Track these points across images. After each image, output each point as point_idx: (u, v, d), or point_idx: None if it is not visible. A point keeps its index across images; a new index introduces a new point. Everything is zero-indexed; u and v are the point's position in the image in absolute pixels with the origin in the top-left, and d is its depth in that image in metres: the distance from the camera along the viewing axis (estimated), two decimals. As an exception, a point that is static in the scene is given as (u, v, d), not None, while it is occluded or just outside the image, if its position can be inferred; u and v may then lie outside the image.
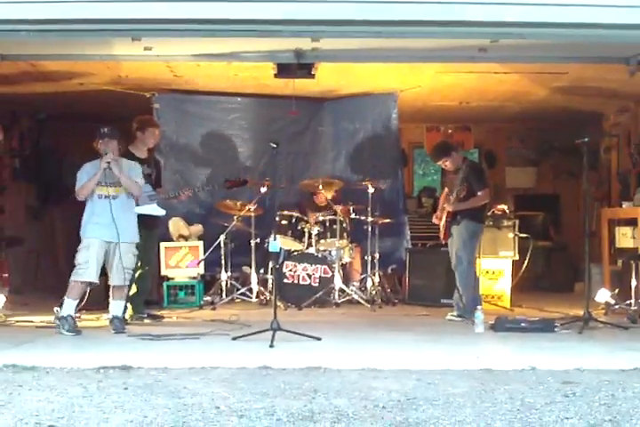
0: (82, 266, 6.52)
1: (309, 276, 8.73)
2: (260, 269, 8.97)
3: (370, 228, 8.85)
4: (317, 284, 8.70)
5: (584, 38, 6.19)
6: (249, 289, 8.86)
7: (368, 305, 8.52)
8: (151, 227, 7.31)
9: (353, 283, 9.08)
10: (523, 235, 8.92)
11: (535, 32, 6.04)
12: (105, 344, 6.01)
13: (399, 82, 9.35)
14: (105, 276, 6.71)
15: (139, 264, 6.98)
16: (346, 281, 8.95)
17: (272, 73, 7.95)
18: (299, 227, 8.99)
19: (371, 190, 8.79)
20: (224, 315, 7.46)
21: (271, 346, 5.61)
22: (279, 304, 7.53)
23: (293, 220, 8.99)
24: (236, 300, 8.88)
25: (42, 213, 11.37)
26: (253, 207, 8.80)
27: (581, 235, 7.76)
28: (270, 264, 8.74)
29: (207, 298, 8.92)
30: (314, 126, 10.30)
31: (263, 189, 8.71)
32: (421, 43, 6.67)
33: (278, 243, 6.99)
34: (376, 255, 8.95)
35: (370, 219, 8.84)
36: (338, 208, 8.89)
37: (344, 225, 8.94)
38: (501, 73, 8.68)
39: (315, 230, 8.86)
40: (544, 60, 7.59)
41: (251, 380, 4.53)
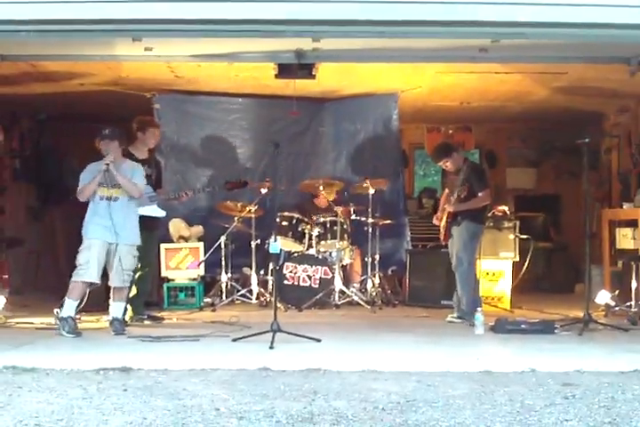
0: (83, 266, 6.52)
1: (310, 277, 8.72)
2: (261, 270, 8.96)
3: (370, 229, 8.84)
4: (318, 285, 8.69)
5: (585, 38, 6.19)
6: (249, 290, 8.85)
7: (368, 307, 8.51)
8: (151, 228, 7.30)
9: (353, 284, 9.07)
10: (523, 236, 8.91)
11: (536, 32, 6.03)
12: (105, 346, 6.01)
13: (400, 82, 9.34)
14: (105, 277, 6.71)
15: (139, 266, 6.98)
16: (346, 282, 8.94)
17: (273, 73, 7.95)
18: (299, 228, 8.98)
19: (371, 191, 8.79)
20: (224, 316, 7.46)
21: (271, 347, 5.61)
22: (279, 306, 7.52)
23: (294, 221, 8.98)
24: (237, 301, 8.87)
25: (42, 214, 11.36)
26: (254, 208, 8.79)
27: (582, 236, 7.72)
28: (270, 266, 8.73)
29: (207, 299, 8.92)
30: (314, 127, 10.29)
31: (264, 191, 8.72)
32: (422, 43, 6.67)
33: (279, 244, 6.98)
34: (376, 257, 8.95)
35: (370, 220, 8.83)
36: (338, 209, 8.88)
37: (344, 226, 8.92)
38: (502, 73, 8.67)
39: (315, 232, 8.85)
40: (545, 61, 7.58)
41: (250, 381, 4.53)
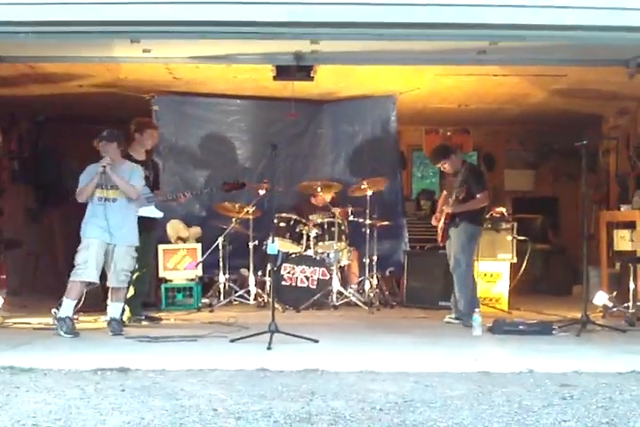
0: (81, 266, 6.53)
1: (307, 278, 8.72)
2: (258, 271, 8.96)
3: (368, 230, 8.84)
4: (315, 286, 8.69)
5: (583, 41, 6.20)
6: (247, 291, 8.85)
7: (366, 307, 8.51)
8: (149, 229, 7.30)
9: (351, 285, 9.06)
10: (521, 237, 8.92)
11: (534, 34, 6.05)
12: (102, 346, 6.01)
13: (398, 84, 9.34)
14: (103, 278, 6.70)
15: (136, 266, 6.97)
16: (344, 283, 8.95)
17: (271, 75, 7.95)
18: (297, 229, 8.97)
19: (369, 193, 8.80)
20: (222, 317, 7.46)
21: (269, 348, 5.62)
22: (277, 306, 7.50)
23: (291, 222, 8.98)
24: (234, 302, 8.86)
25: (40, 216, 11.35)
26: (252, 210, 8.79)
27: (580, 238, 7.74)
28: (268, 266, 8.72)
29: (205, 300, 8.92)
30: (313, 129, 10.28)
31: (262, 192, 8.72)
32: (421, 45, 6.67)
33: (276, 245, 6.98)
34: (374, 258, 8.94)
35: (368, 221, 8.82)
36: (336, 211, 8.88)
37: (342, 227, 8.92)
38: (501, 75, 8.67)
39: (313, 233, 8.85)
40: (543, 63, 7.58)
41: (248, 382, 4.54)
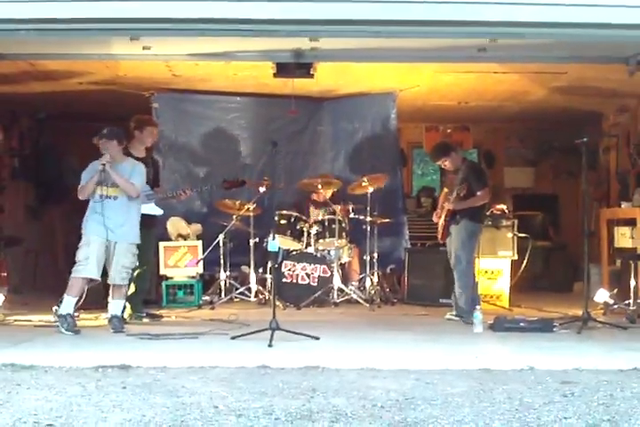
0: (82, 262, 6.54)
1: (308, 275, 8.73)
2: (259, 268, 8.96)
3: (369, 227, 8.83)
4: (316, 283, 8.70)
5: (583, 38, 6.19)
6: (248, 289, 8.85)
7: (367, 305, 8.51)
8: (149, 226, 7.28)
9: (352, 282, 9.07)
10: (522, 235, 8.91)
11: (534, 32, 6.04)
12: (104, 343, 6.01)
13: (398, 82, 9.34)
14: (104, 275, 6.71)
15: (137, 264, 6.97)
16: (345, 281, 8.95)
17: (271, 72, 7.95)
18: (297, 226, 8.97)
19: (370, 190, 8.79)
20: (223, 314, 7.47)
21: (270, 345, 5.61)
22: (278, 304, 7.53)
23: (292, 219, 8.98)
24: (235, 299, 8.87)
25: (41, 213, 11.36)
26: (252, 207, 8.79)
27: (580, 235, 7.75)
28: (269, 264, 8.72)
29: (206, 297, 8.91)
30: (313, 126, 10.30)
31: (262, 189, 8.71)
32: (420, 42, 6.66)
33: (277, 242, 6.98)
34: (375, 255, 8.93)
35: (369, 218, 8.82)
36: (337, 208, 8.88)
37: (343, 225, 8.92)
38: (500, 73, 8.67)
39: (313, 230, 8.85)
40: (543, 60, 7.58)
41: (249, 379, 4.54)
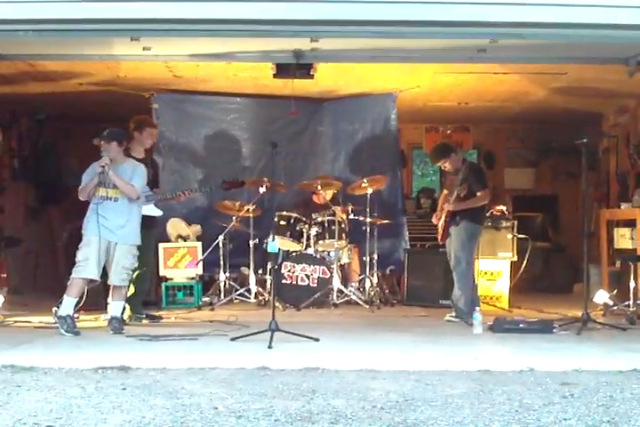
0: (82, 263, 6.55)
1: (308, 276, 8.71)
2: (259, 269, 8.95)
3: (368, 228, 8.82)
4: (316, 284, 8.68)
5: (583, 39, 6.19)
6: (247, 290, 8.84)
7: (366, 306, 8.50)
8: (149, 227, 7.27)
9: (351, 284, 9.06)
10: (521, 236, 8.91)
11: (534, 32, 6.04)
12: (103, 345, 6.01)
13: (398, 82, 9.34)
14: (104, 276, 6.70)
15: (136, 265, 6.96)
16: (344, 282, 8.95)
17: (271, 73, 7.94)
18: (297, 227, 8.97)
19: (369, 191, 8.78)
20: (222, 315, 7.47)
21: (269, 347, 5.61)
22: (277, 305, 7.52)
23: (292, 220, 8.97)
24: (235, 300, 8.87)
25: (41, 214, 11.35)
26: (252, 208, 8.79)
27: (580, 236, 7.74)
28: (269, 265, 8.72)
29: (206, 299, 8.90)
30: (313, 127, 10.29)
31: (262, 190, 8.70)
32: (421, 43, 6.67)
33: (277, 243, 6.98)
34: (374, 256, 8.93)
35: (368, 219, 8.82)
36: (337, 209, 8.88)
37: (343, 226, 8.92)
38: (500, 73, 8.68)
39: (313, 231, 8.84)
40: (543, 61, 7.59)
41: (249, 380, 4.54)
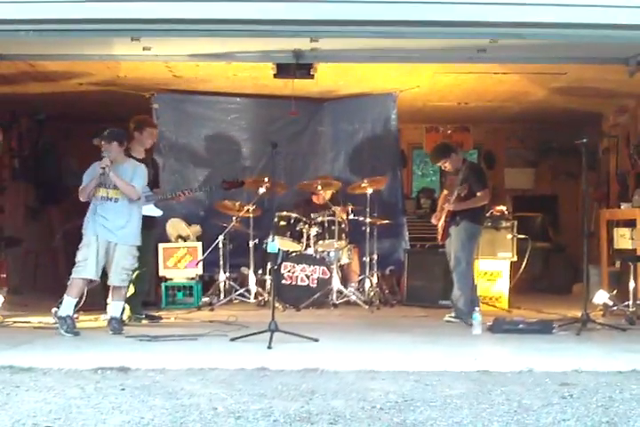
0: (81, 263, 6.55)
1: (307, 277, 8.71)
2: (259, 269, 8.94)
3: (368, 229, 8.81)
4: (315, 285, 8.68)
5: (583, 39, 6.19)
6: (247, 290, 8.84)
7: (366, 306, 8.51)
8: (149, 227, 7.26)
9: (351, 284, 9.05)
10: (521, 236, 8.91)
11: (534, 32, 6.04)
12: (103, 345, 6.00)
13: (398, 82, 9.34)
14: (104, 276, 6.70)
15: (136, 265, 6.96)
16: (344, 282, 8.94)
17: (271, 73, 7.94)
18: (297, 228, 8.96)
19: (369, 191, 8.77)
20: (222, 316, 7.46)
21: (269, 347, 5.61)
22: (277, 305, 7.52)
23: (292, 220, 8.97)
24: (235, 301, 8.86)
25: (41, 214, 11.35)
26: (252, 208, 8.78)
27: (580, 236, 7.74)
28: (268, 265, 8.71)
29: (205, 299, 8.89)
30: (313, 127, 10.29)
31: (262, 191, 8.67)
32: (420, 43, 6.67)
33: (276, 244, 6.97)
34: (374, 256, 8.92)
35: (368, 220, 8.81)
36: (336, 209, 8.87)
37: (343, 226, 8.91)
38: (500, 73, 8.68)
39: (313, 231, 8.84)
40: (543, 61, 7.59)
41: (248, 381, 4.54)
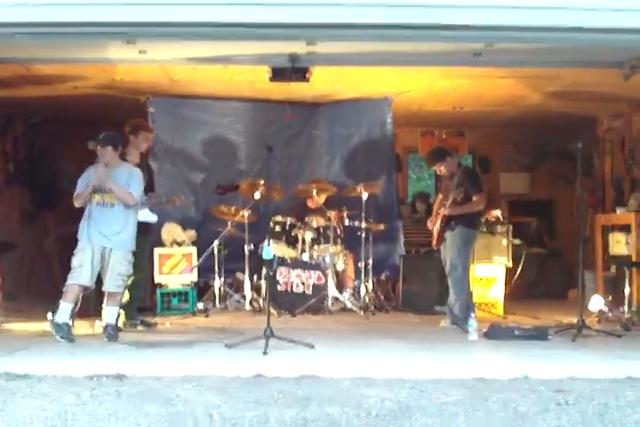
0: (76, 269, 6.54)
1: (303, 283, 8.68)
2: (254, 275, 8.91)
3: (364, 234, 8.78)
4: (311, 291, 8.65)
5: (579, 43, 6.19)
6: (242, 296, 8.81)
7: (361, 313, 8.48)
8: (144, 232, 7.24)
9: (346, 290, 9.02)
10: (516, 241, 8.89)
11: (530, 36, 6.05)
12: (98, 352, 5.98)
13: (394, 86, 9.34)
14: (98, 282, 6.68)
15: (132, 271, 6.93)
16: (339, 288, 8.91)
17: (267, 77, 7.93)
18: (292, 233, 8.95)
19: (364, 196, 8.76)
20: (217, 322, 7.46)
21: (264, 353, 5.59)
22: (272, 311, 7.50)
23: (287, 226, 8.95)
24: (230, 307, 8.84)
25: (36, 218, 11.31)
26: (247, 213, 8.75)
27: (575, 241, 7.75)
28: (264, 271, 8.68)
29: (200, 304, 8.84)
30: (308, 130, 10.30)
31: (257, 196, 8.61)
32: (416, 47, 6.68)
33: (272, 249, 6.94)
34: (370, 262, 8.87)
35: (364, 225, 8.78)
36: (331, 214, 8.85)
37: (338, 231, 8.89)
38: (496, 78, 8.68)
39: (308, 236, 8.81)
40: (539, 65, 7.59)
41: (244, 388, 4.52)
